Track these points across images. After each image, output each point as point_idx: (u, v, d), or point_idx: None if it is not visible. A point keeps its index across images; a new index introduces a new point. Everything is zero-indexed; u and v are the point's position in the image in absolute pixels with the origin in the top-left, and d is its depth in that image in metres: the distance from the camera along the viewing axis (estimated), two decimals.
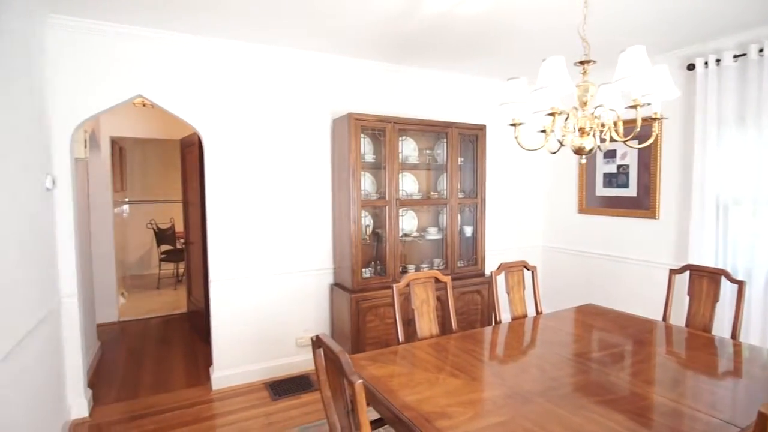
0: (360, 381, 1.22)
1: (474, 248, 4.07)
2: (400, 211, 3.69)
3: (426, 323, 2.44)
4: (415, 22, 2.97)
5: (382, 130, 3.55)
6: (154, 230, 7.05)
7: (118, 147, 6.51)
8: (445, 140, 3.88)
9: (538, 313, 2.85)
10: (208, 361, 3.91)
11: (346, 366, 1.26)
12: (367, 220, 3.69)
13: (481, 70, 4.16)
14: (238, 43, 3.35)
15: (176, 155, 6.82)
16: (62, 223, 2.97)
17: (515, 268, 2.80)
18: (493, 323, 2.73)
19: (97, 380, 3.59)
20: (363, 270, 3.55)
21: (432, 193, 4.02)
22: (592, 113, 2.01)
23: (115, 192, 5.54)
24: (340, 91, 3.79)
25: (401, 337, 2.34)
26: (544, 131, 2.15)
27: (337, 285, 3.71)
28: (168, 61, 3.19)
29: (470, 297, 3.91)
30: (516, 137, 2.14)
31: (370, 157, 3.65)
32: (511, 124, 2.13)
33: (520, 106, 2.06)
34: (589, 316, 2.74)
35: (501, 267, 2.76)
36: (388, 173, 3.57)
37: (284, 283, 3.64)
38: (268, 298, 3.59)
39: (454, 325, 2.53)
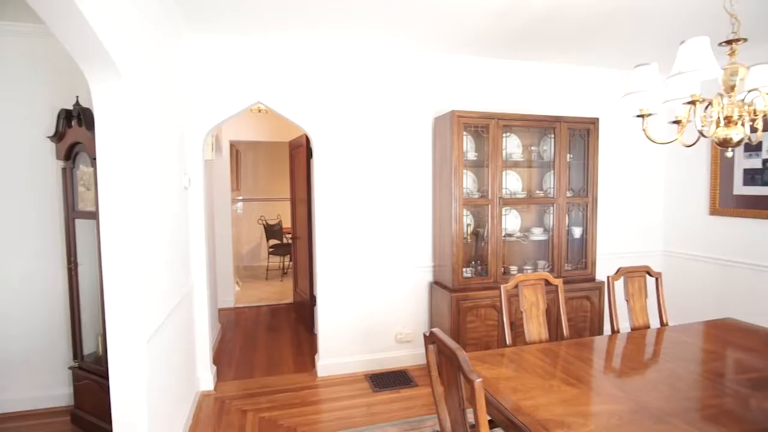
0: (480, 380, 1.20)
1: (583, 251, 3.80)
2: (503, 210, 3.57)
3: (535, 327, 2.33)
4: (524, 15, 2.85)
5: (485, 127, 3.46)
6: (263, 226, 7.67)
7: (235, 150, 7.19)
8: (552, 136, 3.67)
9: (662, 324, 2.57)
10: (312, 350, 4.15)
11: (464, 363, 1.25)
12: (468, 219, 3.64)
13: (594, 59, 3.86)
14: (344, 46, 3.50)
15: (284, 156, 7.34)
16: (194, 217, 3.36)
17: (636, 274, 2.55)
18: (610, 332, 2.52)
19: (218, 358, 4.00)
20: (463, 269, 3.50)
21: (537, 191, 3.83)
22: (742, 99, 1.75)
23: (231, 190, 6.13)
24: (442, 89, 3.78)
25: (509, 340, 2.26)
26: (677, 122, 1.93)
27: (436, 283, 3.71)
28: (282, 68, 3.43)
29: (578, 303, 3.65)
30: (644, 129, 1.94)
31: (472, 155, 3.59)
32: (639, 115, 1.94)
33: (650, 95, 1.87)
34: (728, 332, 2.41)
35: (620, 272, 2.53)
36: (491, 171, 3.48)
37: (384, 279, 3.73)
38: (369, 292, 3.70)
39: (565, 331, 2.38)
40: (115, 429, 1.97)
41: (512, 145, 3.75)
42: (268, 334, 4.72)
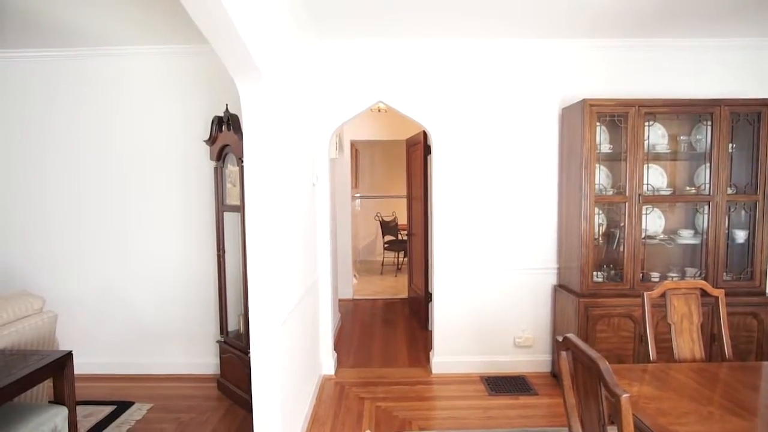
0: (627, 395, 1.06)
1: (749, 258, 3.19)
2: (644, 208, 3.16)
3: (686, 343, 2.02)
4: None
5: (623, 116, 3.11)
6: (379, 222, 7.93)
7: (354, 149, 7.54)
8: (708, 122, 3.15)
9: None
10: (426, 346, 4.16)
11: (607, 375, 1.12)
12: (599, 218, 3.30)
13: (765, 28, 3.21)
14: (463, 40, 3.43)
15: (400, 155, 7.49)
16: (321, 213, 3.59)
17: None
18: None
19: (338, 346, 4.23)
20: (594, 273, 3.19)
21: (686, 188, 3.33)
22: None
23: (351, 188, 6.44)
24: (569, 78, 3.48)
25: (652, 355, 1.99)
26: None
27: (561, 287, 3.44)
28: (402, 66, 3.48)
29: (740, 320, 3.09)
30: None
31: (605, 148, 3.25)
32: None
33: None
34: None
35: None
36: (630, 165, 3.11)
37: (503, 280, 3.58)
38: (486, 292, 3.58)
39: (727, 352, 2.02)
40: (254, 397, 2.19)
41: (655, 135, 3.30)
42: (384, 327, 4.86)
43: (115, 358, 3.60)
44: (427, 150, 4.51)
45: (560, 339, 1.37)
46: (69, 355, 2.25)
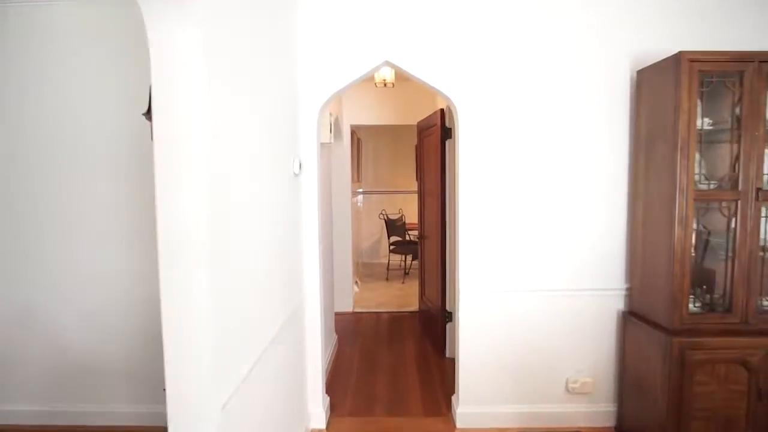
0: None
1: None
2: (763, 209, 2.24)
3: None
4: None
5: (734, 77, 2.17)
6: (384, 220, 7.02)
7: (356, 138, 6.62)
8: None
9: None
10: (445, 381, 3.27)
11: None
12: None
13: None
14: None
15: (407, 144, 6.57)
16: (308, 211, 2.69)
17: None
18: None
19: (333, 382, 3.33)
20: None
21: None
22: None
23: (352, 182, 5.52)
24: (643, 28, 2.55)
25: None
26: None
27: (633, 314, 2.52)
28: (415, 17, 2.57)
29: None
30: None
31: (701, 123, 2.31)
32: None
33: None
34: None
35: None
36: (745, 146, 2.17)
37: (551, 303, 2.66)
38: (529, 320, 2.67)
39: None
40: None
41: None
42: (390, 351, 3.96)
43: (34, 405, 2.71)
44: (446, 134, 3.60)
45: None
46: None
